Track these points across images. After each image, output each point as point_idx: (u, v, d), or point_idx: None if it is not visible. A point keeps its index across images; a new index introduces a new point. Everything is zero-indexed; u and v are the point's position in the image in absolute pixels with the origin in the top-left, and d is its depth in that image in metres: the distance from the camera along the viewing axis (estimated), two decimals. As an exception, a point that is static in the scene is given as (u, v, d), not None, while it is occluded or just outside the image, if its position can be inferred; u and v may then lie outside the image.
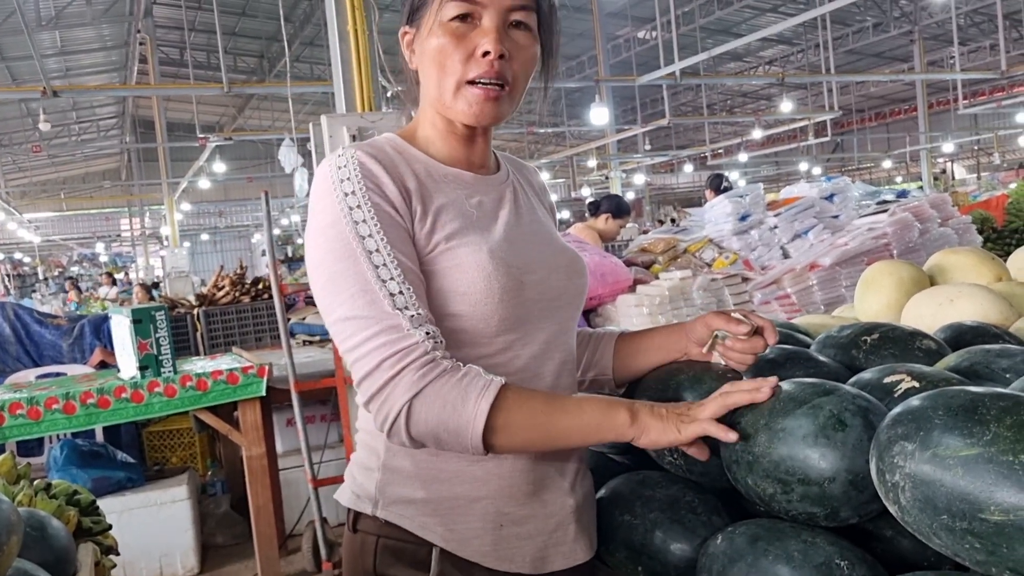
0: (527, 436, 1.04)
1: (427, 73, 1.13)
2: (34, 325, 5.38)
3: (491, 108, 1.10)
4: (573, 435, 1.05)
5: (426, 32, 1.11)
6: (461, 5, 1.07)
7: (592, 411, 1.04)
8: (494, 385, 1.01)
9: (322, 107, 21.15)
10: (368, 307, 1.02)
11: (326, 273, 1.05)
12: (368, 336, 1.01)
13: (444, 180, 1.14)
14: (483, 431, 1.00)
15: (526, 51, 1.11)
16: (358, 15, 4.60)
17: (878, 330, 1.40)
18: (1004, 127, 25.10)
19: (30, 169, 27.97)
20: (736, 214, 4.44)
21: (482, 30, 1.08)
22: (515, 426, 1.02)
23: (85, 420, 3.51)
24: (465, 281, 1.06)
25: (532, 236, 1.19)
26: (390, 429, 1.02)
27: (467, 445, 1.01)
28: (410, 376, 1.00)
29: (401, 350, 1.00)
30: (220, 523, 4.41)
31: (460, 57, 1.08)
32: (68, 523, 1.79)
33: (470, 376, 1.02)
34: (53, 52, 19.03)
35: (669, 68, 11.95)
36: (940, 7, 18.97)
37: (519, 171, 1.30)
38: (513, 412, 1.02)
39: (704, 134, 26.22)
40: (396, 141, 1.16)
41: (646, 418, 1.04)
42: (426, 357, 1.01)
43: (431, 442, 1.03)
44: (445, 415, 1.00)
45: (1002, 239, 6.86)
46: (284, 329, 3.68)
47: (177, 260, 17.66)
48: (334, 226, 1.04)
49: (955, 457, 0.81)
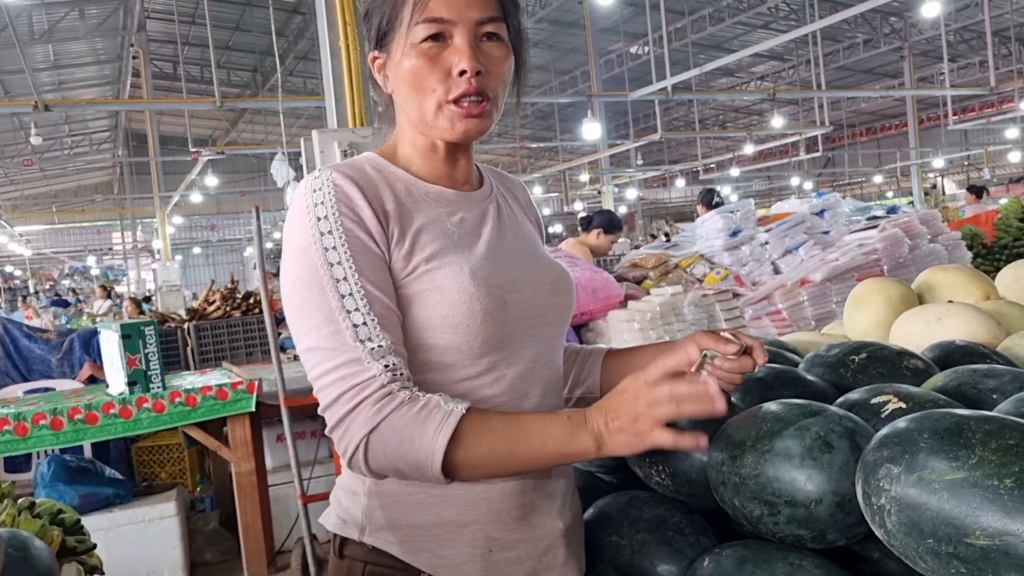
0: (488, 468, 1.02)
1: (404, 95, 1.11)
2: (23, 339, 5.35)
3: (475, 124, 1.09)
4: (536, 464, 1.04)
5: (398, 56, 1.09)
6: (430, 26, 1.06)
7: (555, 439, 1.01)
8: (453, 417, 0.99)
9: (315, 121, 21.20)
10: (330, 338, 1.01)
11: (296, 300, 1.04)
12: (329, 368, 1.01)
13: (425, 199, 1.13)
14: (441, 466, 0.99)
15: (501, 63, 1.10)
16: (350, 31, 4.61)
17: (866, 349, 1.40)
18: (994, 143, 25.28)
19: (22, 182, 27.89)
20: (727, 229, 4.45)
21: (455, 48, 1.07)
22: (475, 459, 1.01)
23: (73, 436, 3.48)
24: (446, 303, 1.05)
25: (516, 252, 1.18)
26: (350, 461, 1.02)
27: (428, 478, 1.01)
28: (367, 411, 0.99)
29: (358, 384, 1.00)
30: (209, 540, 4.37)
31: (437, 78, 1.07)
32: (52, 543, 1.77)
33: (428, 408, 1.00)
34: (46, 66, 19.04)
35: (661, 83, 12.01)
36: (930, 24, 19.13)
37: (504, 184, 1.29)
38: (471, 446, 1.00)
39: (696, 149, 26.33)
40: (376, 160, 1.15)
41: (610, 438, 0.99)
42: (382, 391, 0.99)
43: (392, 475, 1.04)
44: (403, 450, 0.99)
45: (992, 255, 6.87)
46: (275, 344, 3.66)
47: (169, 273, 17.60)
48: (305, 251, 1.04)
49: (940, 481, 0.81)
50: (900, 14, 20.09)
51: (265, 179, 22.80)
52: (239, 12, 17.78)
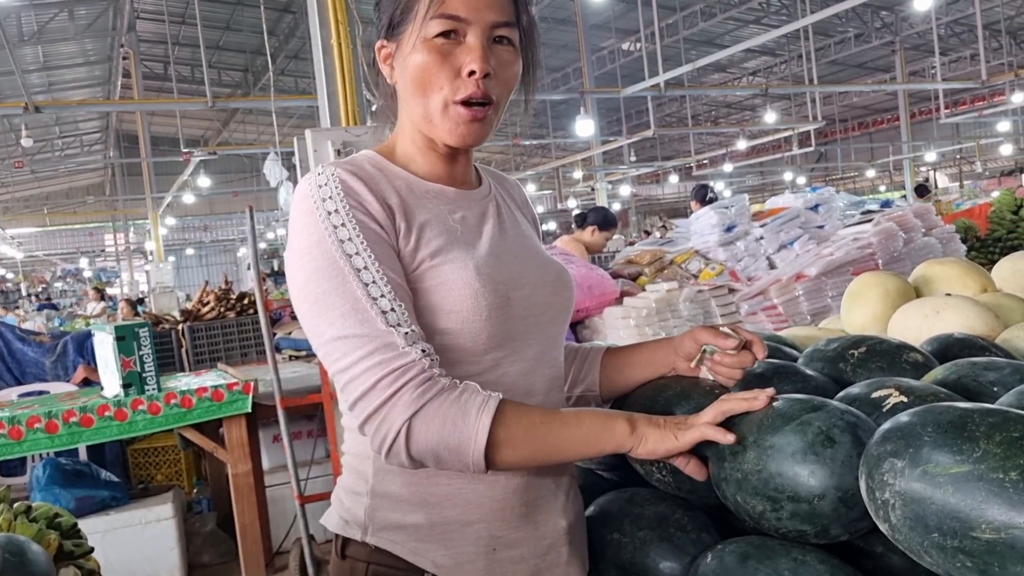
0: (528, 450, 1.02)
1: (410, 90, 1.10)
2: (16, 342, 5.33)
3: (476, 130, 1.09)
4: (573, 447, 1.04)
5: (408, 48, 1.08)
6: (446, 22, 1.05)
7: (591, 422, 1.04)
8: (493, 400, 1.00)
9: (307, 120, 21.14)
10: (360, 325, 0.99)
11: (313, 294, 1.02)
12: (363, 355, 0.99)
13: (426, 196, 1.12)
14: (485, 447, 0.98)
15: (510, 68, 1.10)
16: (342, 29, 4.59)
17: (865, 343, 1.40)
18: (985, 136, 25.32)
19: (12, 185, 27.78)
20: (722, 225, 4.45)
21: (467, 47, 1.06)
22: (516, 440, 1.01)
23: (68, 439, 3.47)
24: (452, 299, 1.05)
25: (517, 251, 1.18)
26: (389, 449, 1.00)
27: (468, 462, 1.00)
28: (409, 394, 0.98)
29: (398, 368, 0.98)
30: (206, 542, 4.36)
31: (446, 76, 1.06)
32: (49, 547, 1.76)
33: (468, 392, 1.00)
34: (36, 67, 18.96)
35: (654, 80, 12.02)
36: (921, 18, 19.16)
37: (501, 185, 1.28)
38: (513, 426, 1.01)
39: (689, 145, 26.37)
40: (375, 158, 1.14)
41: (644, 427, 1.04)
42: (424, 375, 0.99)
43: (431, 461, 1.01)
44: (446, 432, 0.98)
45: (986, 248, 6.90)
46: (270, 344, 3.65)
47: (162, 275, 17.56)
48: (319, 245, 1.02)
49: (945, 475, 0.81)
50: (891, 8, 20.13)
51: (258, 179, 22.79)
52: (229, 11, 17.72)
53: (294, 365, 4.90)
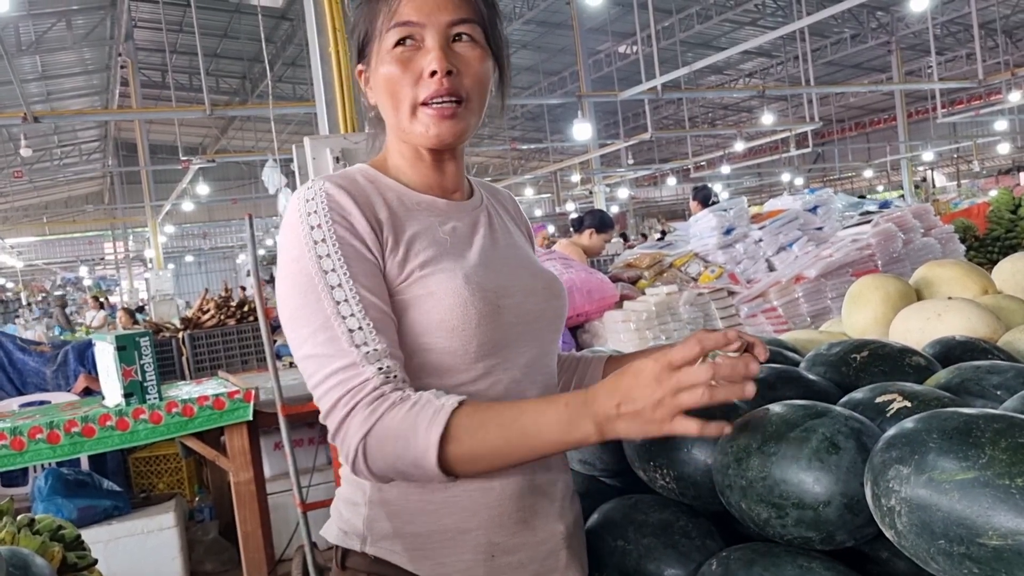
0: (486, 461, 1.00)
1: (383, 104, 1.13)
2: (17, 352, 5.31)
3: (448, 127, 1.09)
4: (534, 453, 1.00)
5: (375, 64, 1.12)
6: (400, 29, 1.08)
7: (552, 427, 0.97)
8: (444, 411, 0.97)
9: (305, 127, 21.18)
10: (326, 344, 1.01)
11: (289, 308, 1.05)
12: (326, 375, 1.01)
13: (417, 208, 1.13)
14: (437, 460, 0.97)
15: (475, 64, 1.10)
16: (340, 36, 4.59)
17: (867, 347, 1.40)
18: (982, 135, 25.35)
19: (11, 194, 27.79)
20: (721, 228, 4.45)
21: (425, 50, 1.08)
22: (470, 453, 0.98)
23: (70, 449, 3.46)
24: (441, 308, 1.05)
25: (508, 260, 1.18)
26: (353, 467, 1.02)
27: (429, 475, 0.99)
28: (361, 414, 0.99)
29: (352, 388, 1.00)
30: (209, 550, 4.35)
31: (409, 82, 1.08)
32: (52, 560, 1.75)
33: (419, 405, 0.99)
34: (34, 77, 18.99)
35: (650, 83, 12.03)
36: (917, 18, 19.20)
37: (494, 196, 1.29)
38: (465, 440, 0.98)
39: (687, 147, 26.36)
40: (368, 171, 1.16)
41: (617, 425, 0.94)
42: (374, 393, 0.99)
43: (395, 476, 1.02)
44: (399, 449, 0.98)
45: (984, 247, 6.91)
46: (270, 351, 3.65)
47: (161, 283, 17.56)
48: (298, 260, 1.04)
49: (951, 481, 0.80)
50: (887, 8, 20.17)
51: (256, 186, 22.79)
52: (227, 19, 17.75)
53: (295, 372, 4.88)
